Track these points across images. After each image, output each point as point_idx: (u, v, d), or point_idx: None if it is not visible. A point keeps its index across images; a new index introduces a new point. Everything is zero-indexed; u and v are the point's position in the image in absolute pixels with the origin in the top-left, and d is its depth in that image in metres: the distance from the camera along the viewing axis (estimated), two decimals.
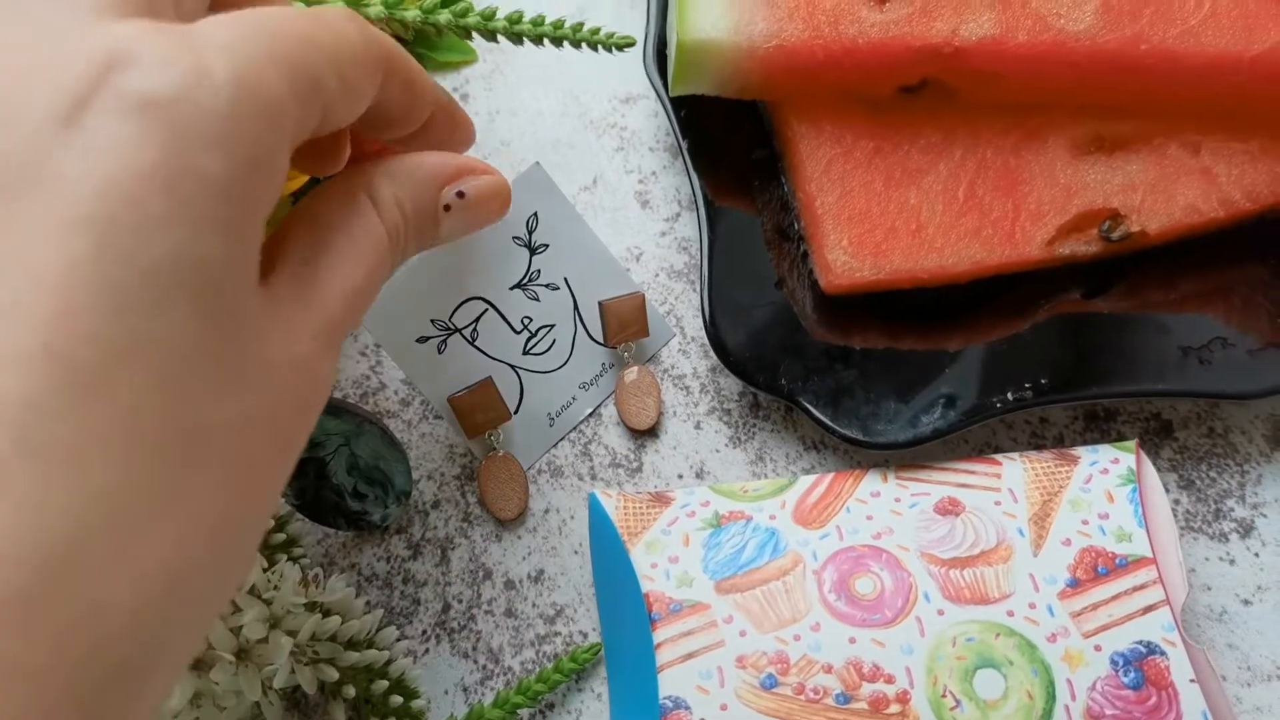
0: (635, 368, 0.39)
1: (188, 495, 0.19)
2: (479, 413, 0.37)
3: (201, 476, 0.19)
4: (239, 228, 0.20)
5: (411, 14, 0.30)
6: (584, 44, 0.31)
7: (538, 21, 0.31)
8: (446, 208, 0.28)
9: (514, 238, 0.38)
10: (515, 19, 0.31)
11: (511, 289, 0.38)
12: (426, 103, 0.28)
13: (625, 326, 0.39)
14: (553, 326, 0.39)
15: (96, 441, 0.18)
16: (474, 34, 0.31)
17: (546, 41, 0.31)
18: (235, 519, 0.21)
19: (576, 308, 0.39)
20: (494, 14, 0.31)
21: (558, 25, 0.31)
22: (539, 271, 0.38)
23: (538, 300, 0.38)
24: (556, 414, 0.39)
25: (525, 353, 0.38)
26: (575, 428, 0.39)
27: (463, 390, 0.37)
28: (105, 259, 0.18)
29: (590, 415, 0.40)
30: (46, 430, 0.17)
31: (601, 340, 0.40)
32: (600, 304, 0.39)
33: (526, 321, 0.38)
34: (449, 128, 0.30)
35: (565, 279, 0.39)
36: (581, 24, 0.31)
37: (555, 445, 0.39)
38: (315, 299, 0.23)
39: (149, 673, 0.19)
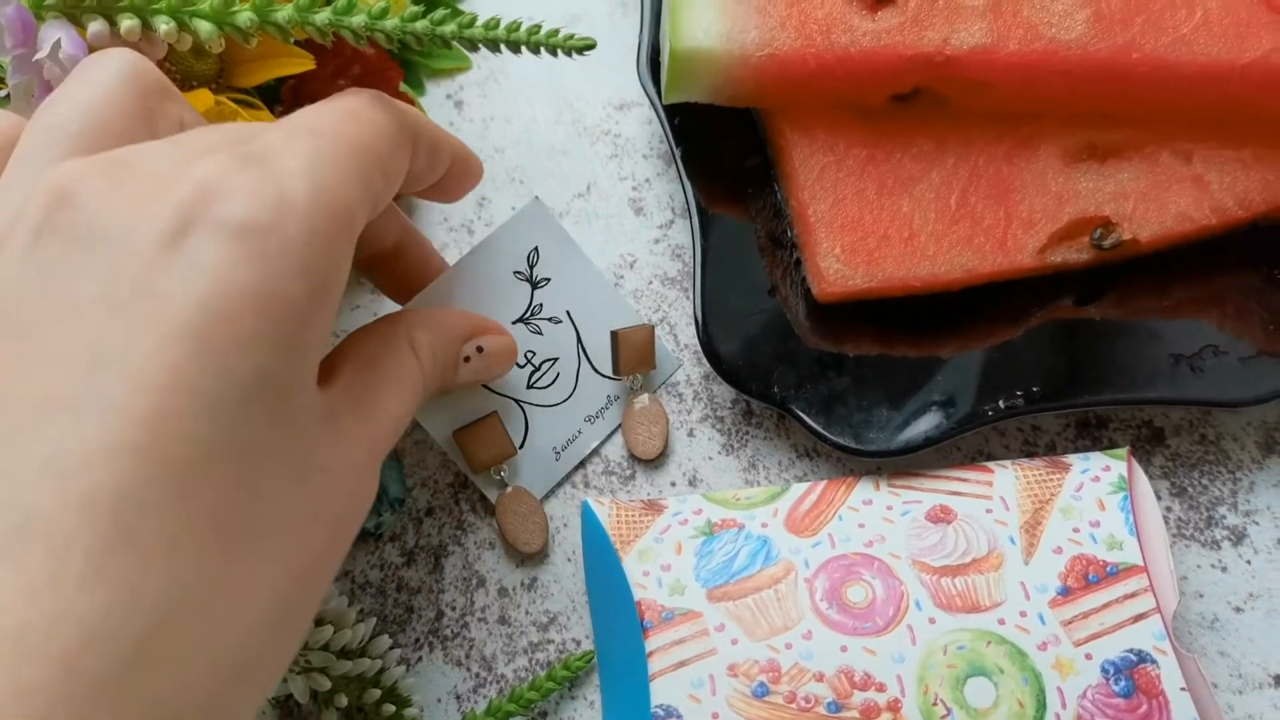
0: (645, 395, 0.39)
1: (259, 585, 0.21)
2: (484, 449, 0.37)
3: (271, 568, 0.21)
4: (310, 345, 0.23)
5: (392, 24, 0.30)
6: (541, 48, 0.31)
7: (490, 25, 0.31)
8: (466, 359, 0.33)
9: (515, 272, 0.38)
10: (469, 23, 0.31)
11: (514, 323, 0.38)
12: (445, 160, 0.31)
13: (637, 356, 0.39)
14: (556, 360, 0.39)
15: (188, 533, 0.19)
16: (452, 44, 0.31)
17: (503, 47, 0.31)
18: (294, 608, 0.22)
19: (580, 341, 0.39)
20: (473, 21, 0.31)
21: (512, 29, 0.31)
22: (541, 305, 0.38)
23: (540, 334, 0.38)
24: (562, 448, 0.39)
25: (530, 387, 0.38)
26: (582, 462, 0.39)
27: (468, 425, 0.37)
28: (201, 368, 0.20)
29: (597, 448, 0.39)
30: (144, 520, 0.19)
31: (609, 372, 0.39)
32: (613, 334, 0.38)
33: (530, 356, 0.38)
34: (463, 172, 0.33)
35: (568, 312, 0.39)
36: (539, 26, 0.31)
37: (564, 480, 0.39)
38: (368, 419, 0.26)
39: None
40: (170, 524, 0.19)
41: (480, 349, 0.34)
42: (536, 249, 0.38)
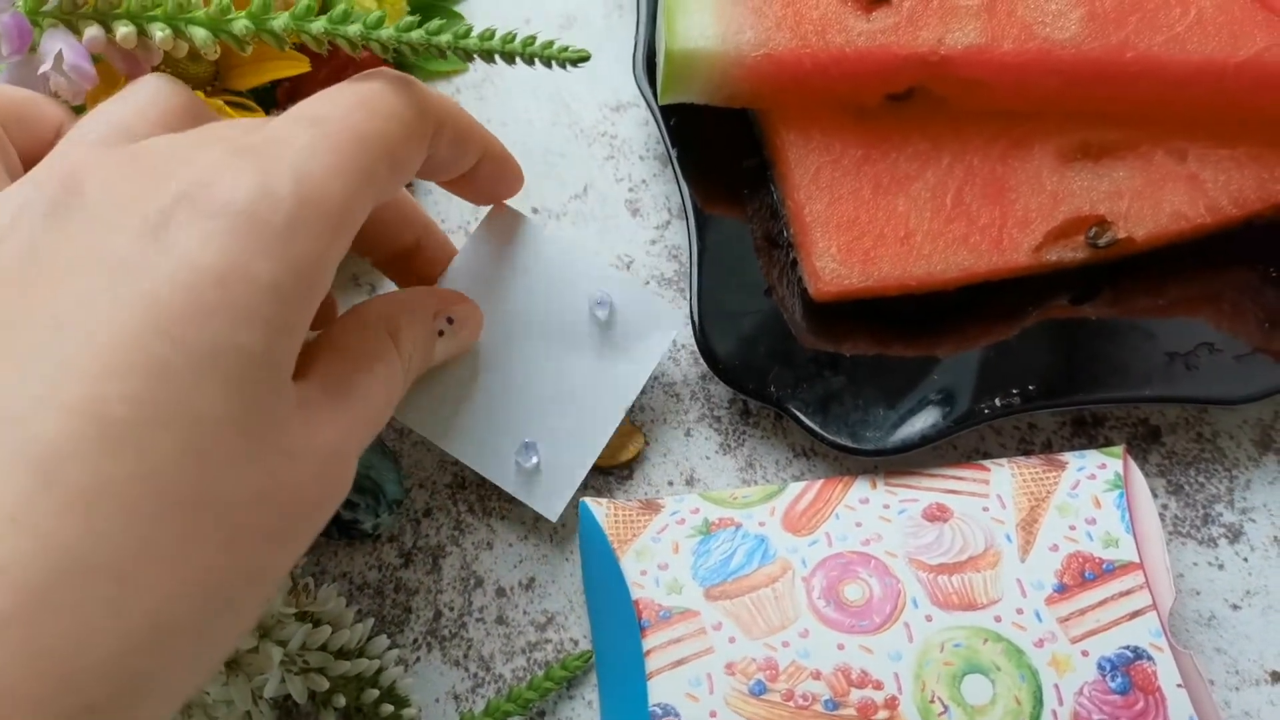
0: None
1: (188, 557, 0.21)
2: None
3: (205, 543, 0.21)
4: (280, 325, 0.23)
5: (388, 33, 0.30)
6: (536, 59, 0.31)
7: (486, 36, 0.31)
8: (440, 333, 0.33)
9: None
10: (464, 33, 0.31)
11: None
12: (473, 152, 0.31)
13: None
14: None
15: (111, 491, 0.19)
16: (448, 54, 0.31)
17: (498, 58, 0.31)
18: (231, 587, 0.22)
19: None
20: (469, 32, 0.31)
21: (507, 40, 0.31)
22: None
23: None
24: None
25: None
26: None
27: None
28: (154, 333, 0.21)
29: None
30: (67, 472, 0.19)
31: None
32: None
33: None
34: (498, 174, 0.34)
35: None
36: (533, 38, 0.31)
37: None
38: (344, 407, 0.26)
39: None
40: (95, 479, 0.19)
41: (450, 320, 0.33)
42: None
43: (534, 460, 0.36)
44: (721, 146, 0.41)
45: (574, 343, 0.37)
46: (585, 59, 0.31)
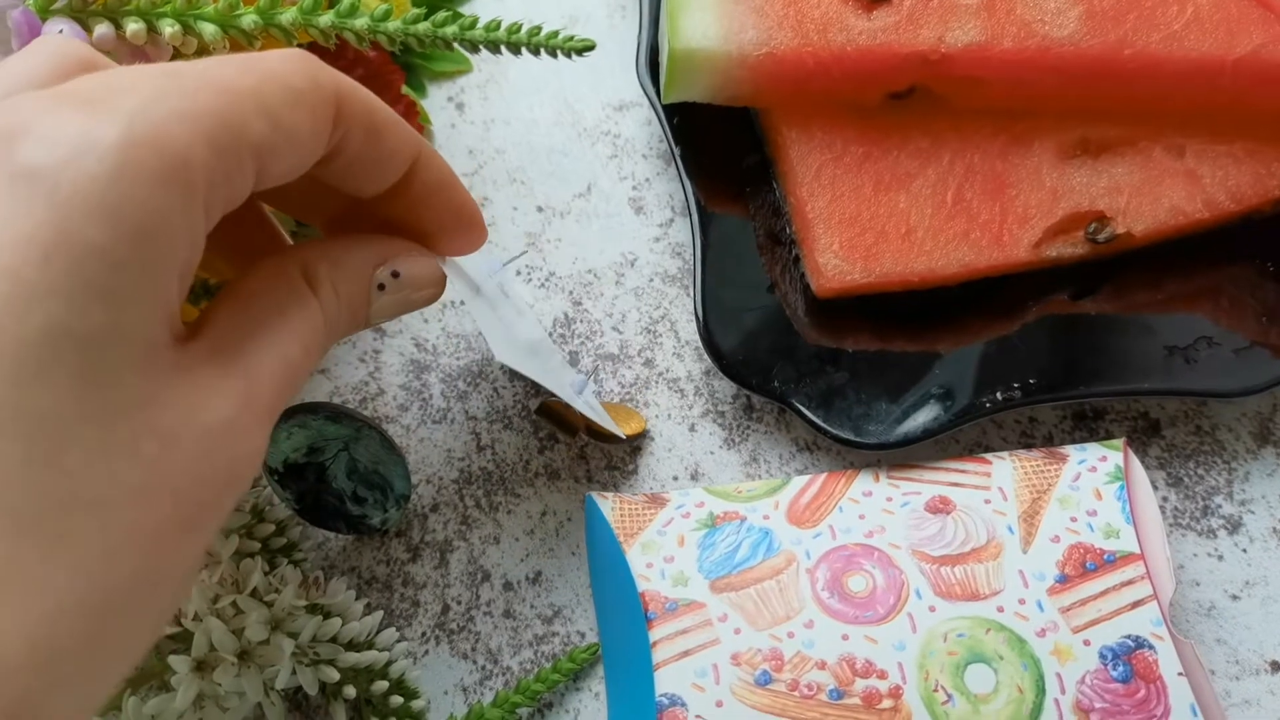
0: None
1: (58, 572, 0.18)
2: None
3: (73, 551, 0.19)
4: (130, 296, 0.19)
5: (394, 26, 0.31)
6: (541, 49, 0.31)
7: (491, 27, 0.31)
8: (381, 287, 0.28)
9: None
10: (469, 24, 0.32)
11: None
12: (399, 152, 0.26)
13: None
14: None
15: None
16: (454, 45, 0.32)
17: (504, 49, 0.31)
18: (124, 592, 0.20)
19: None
20: (474, 23, 0.32)
21: (512, 30, 0.31)
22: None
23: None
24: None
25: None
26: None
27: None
28: None
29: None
30: None
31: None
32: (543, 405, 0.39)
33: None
34: (441, 193, 0.28)
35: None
36: (538, 28, 0.31)
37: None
38: (239, 371, 0.22)
39: None
40: None
41: (396, 274, 0.28)
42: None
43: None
44: (724, 145, 0.42)
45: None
46: (590, 48, 0.32)
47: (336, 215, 0.30)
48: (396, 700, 0.34)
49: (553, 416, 0.40)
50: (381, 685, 0.34)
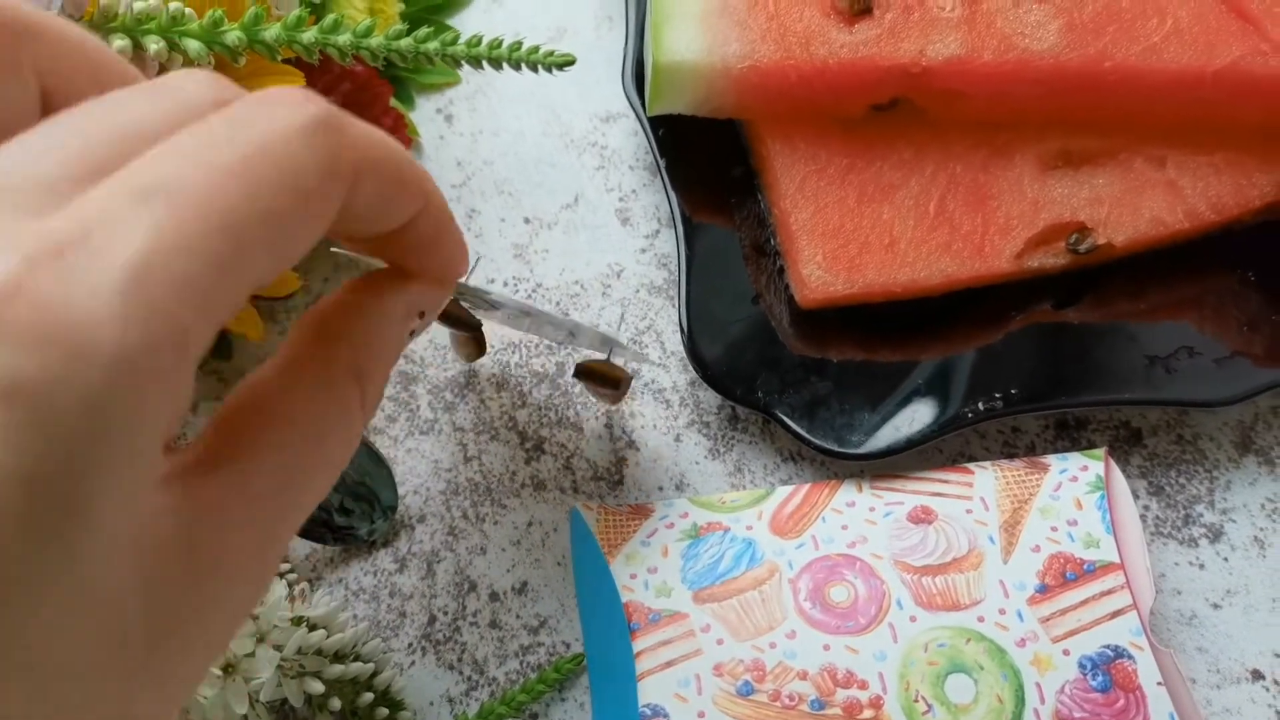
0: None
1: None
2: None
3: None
4: (102, 507, 0.16)
5: (377, 42, 0.31)
6: (523, 64, 0.32)
7: (473, 43, 0.32)
8: (412, 333, 0.25)
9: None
10: (451, 40, 0.32)
11: None
12: (408, 205, 0.23)
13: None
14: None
15: None
16: (437, 61, 0.32)
17: (486, 64, 0.32)
18: None
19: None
20: (457, 39, 0.32)
21: (494, 46, 0.32)
22: None
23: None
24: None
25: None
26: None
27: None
28: None
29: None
30: None
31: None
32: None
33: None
34: (435, 241, 0.24)
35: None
36: (519, 43, 0.32)
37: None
38: (267, 508, 0.19)
39: None
40: None
41: (422, 314, 0.25)
42: None
43: None
44: (709, 156, 0.42)
45: None
46: (570, 63, 0.32)
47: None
48: (382, 712, 0.35)
49: (593, 375, 0.37)
50: (367, 697, 0.34)
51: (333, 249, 0.29)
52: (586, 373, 0.37)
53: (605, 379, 0.37)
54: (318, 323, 0.23)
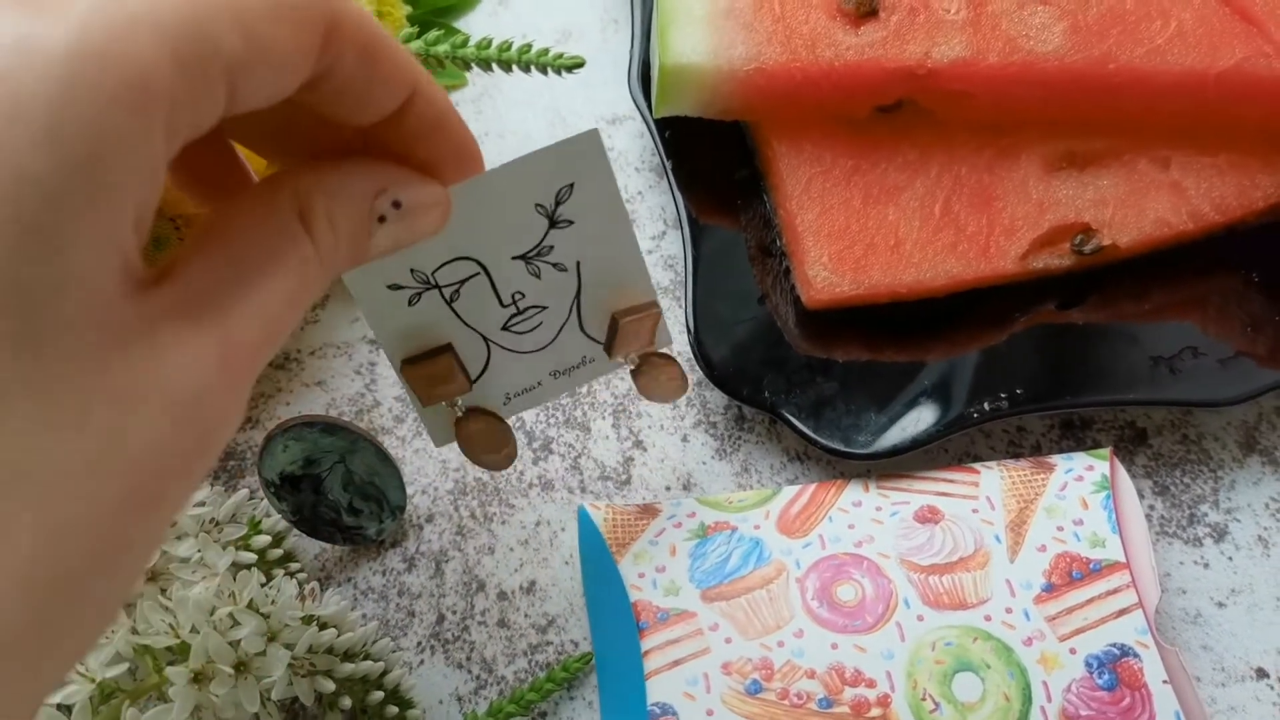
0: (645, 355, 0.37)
1: None
2: (437, 385, 0.34)
3: (14, 533, 0.17)
4: (73, 237, 0.17)
5: None
6: (532, 66, 0.32)
7: (483, 45, 0.32)
8: (381, 219, 0.24)
9: (536, 204, 0.32)
10: (461, 43, 0.32)
11: (514, 259, 0.33)
12: (396, 81, 0.23)
13: (635, 344, 0.36)
14: (544, 309, 0.34)
15: None
16: (446, 63, 0.32)
17: (495, 66, 0.32)
18: (68, 576, 0.18)
19: (578, 295, 0.35)
20: (466, 41, 0.32)
21: (504, 48, 0.32)
22: (551, 248, 0.33)
23: (538, 277, 0.34)
24: (515, 394, 0.36)
25: (504, 328, 0.34)
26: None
27: (419, 357, 0.33)
28: None
29: (550, 402, 0.37)
30: None
31: (597, 338, 0.36)
32: (613, 319, 0.35)
33: (517, 297, 0.34)
34: (437, 127, 0.25)
35: (577, 263, 0.34)
36: (529, 46, 0.32)
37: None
38: (215, 324, 0.20)
39: None
40: None
41: (398, 203, 0.24)
42: (571, 186, 0.32)
43: None
44: (715, 158, 0.42)
45: None
46: (580, 65, 0.32)
47: (315, 156, 0.25)
48: (392, 710, 0.35)
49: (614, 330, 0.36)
50: (377, 695, 0.35)
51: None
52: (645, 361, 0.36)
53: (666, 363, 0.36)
54: (270, 176, 0.23)
